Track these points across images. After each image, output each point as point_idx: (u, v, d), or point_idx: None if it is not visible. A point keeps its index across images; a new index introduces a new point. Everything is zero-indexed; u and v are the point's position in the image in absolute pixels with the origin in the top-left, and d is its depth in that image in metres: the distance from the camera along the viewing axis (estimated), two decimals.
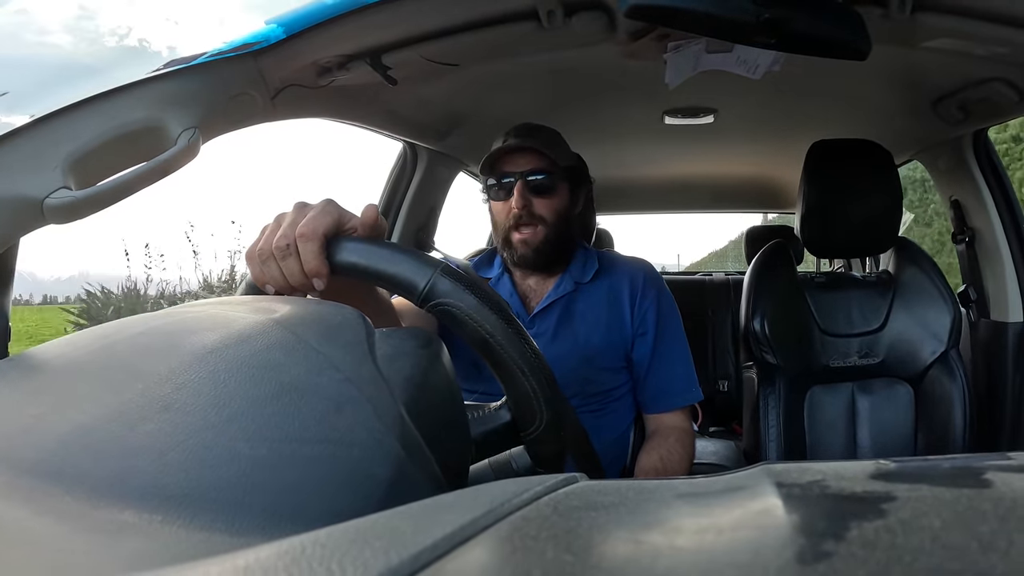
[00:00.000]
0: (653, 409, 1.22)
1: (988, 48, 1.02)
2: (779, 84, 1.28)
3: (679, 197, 2.81)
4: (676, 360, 1.21)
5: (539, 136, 1.18)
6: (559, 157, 1.17)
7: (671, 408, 1.21)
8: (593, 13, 0.95)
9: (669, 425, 1.20)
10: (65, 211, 0.64)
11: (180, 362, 0.35)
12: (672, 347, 1.21)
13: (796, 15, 0.83)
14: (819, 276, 1.54)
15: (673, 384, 1.20)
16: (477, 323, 0.53)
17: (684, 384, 1.21)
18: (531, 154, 1.15)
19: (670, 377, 1.20)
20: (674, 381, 1.20)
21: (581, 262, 1.25)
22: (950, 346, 1.38)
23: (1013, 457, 0.27)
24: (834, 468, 0.26)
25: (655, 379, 1.20)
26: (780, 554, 0.18)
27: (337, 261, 0.56)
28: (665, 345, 1.21)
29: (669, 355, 1.21)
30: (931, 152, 1.68)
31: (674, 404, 1.21)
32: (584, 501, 0.25)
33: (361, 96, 1.15)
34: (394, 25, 0.90)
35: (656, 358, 1.20)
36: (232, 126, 0.87)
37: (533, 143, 1.15)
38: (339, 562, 0.18)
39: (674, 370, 1.21)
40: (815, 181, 1.40)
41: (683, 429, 1.20)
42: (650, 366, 1.20)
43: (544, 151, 1.15)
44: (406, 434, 0.37)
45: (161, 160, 0.71)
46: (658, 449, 1.14)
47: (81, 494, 0.28)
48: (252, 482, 0.30)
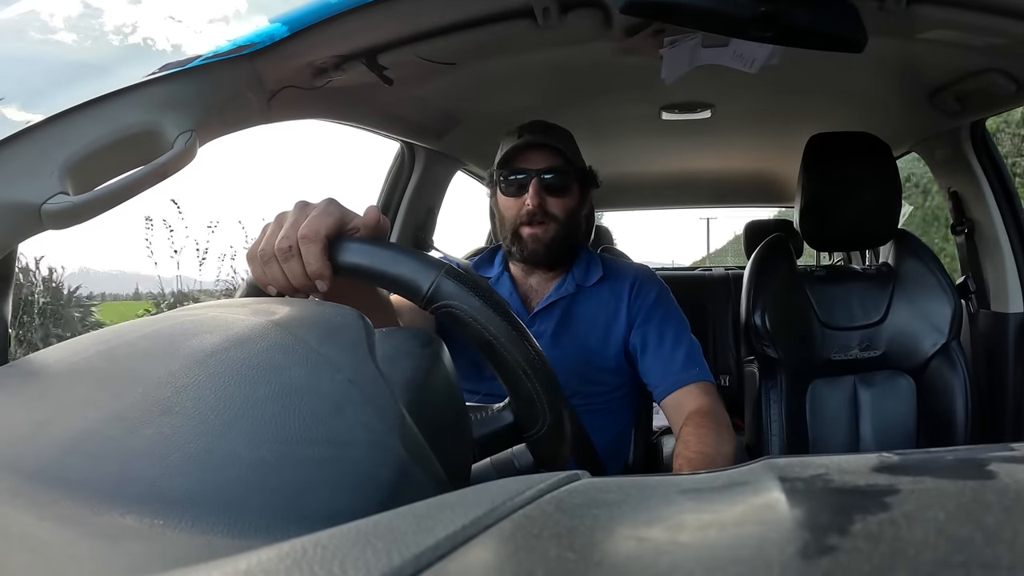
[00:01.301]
0: (662, 392, 1.15)
1: (984, 39, 1.02)
2: (776, 78, 1.28)
3: (678, 193, 2.81)
4: (677, 342, 1.17)
5: (555, 134, 1.18)
6: (574, 157, 1.17)
7: (677, 386, 1.13)
8: (588, 10, 0.95)
9: (687, 410, 1.10)
10: (63, 216, 0.63)
11: (180, 365, 0.35)
12: (671, 330, 1.18)
13: (792, 8, 0.82)
14: (819, 269, 1.54)
15: (674, 363, 1.15)
16: (481, 325, 0.53)
17: (687, 362, 1.15)
18: (547, 152, 1.15)
19: (671, 356, 1.15)
20: (675, 360, 1.15)
21: (584, 265, 1.24)
22: (951, 338, 1.38)
23: (1016, 448, 0.27)
24: (837, 461, 0.26)
25: (655, 360, 1.16)
26: (784, 549, 0.18)
27: (340, 262, 0.56)
28: (663, 329, 1.18)
29: (668, 337, 1.17)
30: (929, 143, 1.68)
31: (681, 381, 1.13)
32: (587, 498, 0.24)
33: (358, 96, 1.15)
34: (389, 25, 0.90)
35: (655, 343, 1.17)
36: (229, 128, 0.86)
37: (550, 140, 1.15)
38: (341, 564, 0.18)
39: (676, 352, 1.16)
40: (814, 174, 1.40)
41: (700, 410, 1.10)
42: (650, 351, 1.17)
43: (561, 149, 1.15)
44: (407, 434, 0.37)
45: (158, 164, 0.70)
46: (679, 449, 1.03)
47: (82, 499, 0.28)
48: (253, 484, 0.30)
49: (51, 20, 0.74)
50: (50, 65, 0.73)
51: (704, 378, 1.15)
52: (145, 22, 0.76)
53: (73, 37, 0.74)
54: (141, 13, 0.77)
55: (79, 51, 0.74)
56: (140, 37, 0.75)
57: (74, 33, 0.74)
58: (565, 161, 1.15)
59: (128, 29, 0.75)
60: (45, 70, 0.72)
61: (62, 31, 0.73)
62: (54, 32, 0.73)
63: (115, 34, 0.75)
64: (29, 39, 0.74)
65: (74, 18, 0.76)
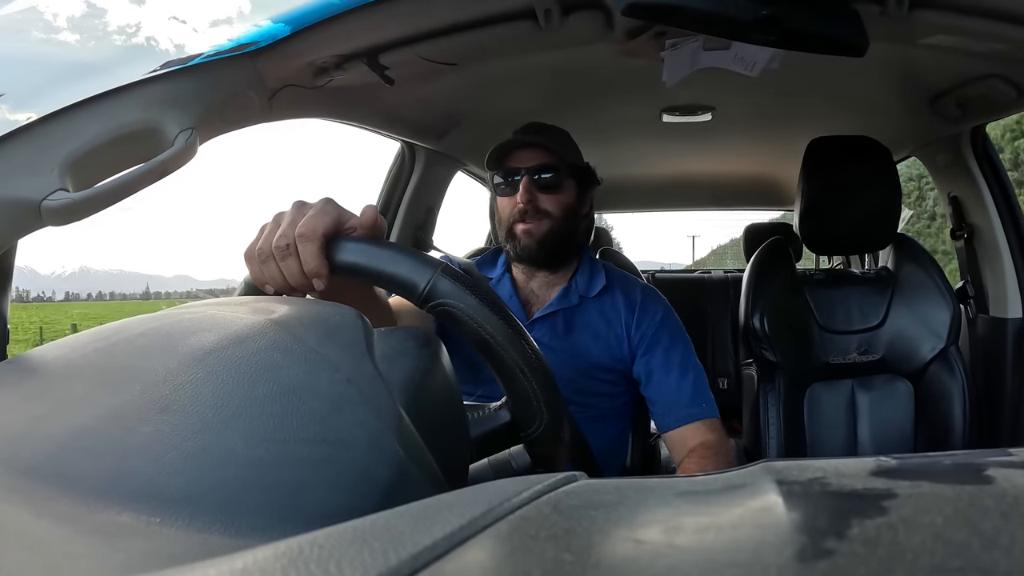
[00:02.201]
0: (667, 425, 1.14)
1: (986, 45, 1.02)
2: (777, 81, 1.28)
3: (678, 195, 2.81)
4: (684, 372, 1.16)
5: (547, 134, 1.18)
6: (566, 155, 1.18)
7: (683, 421, 1.13)
8: (590, 12, 0.95)
9: (690, 444, 1.11)
10: (63, 213, 0.63)
11: (178, 363, 0.35)
12: (677, 357, 1.17)
13: (794, 12, 0.82)
14: (818, 273, 1.54)
15: (680, 395, 1.14)
16: (478, 324, 0.53)
17: (694, 396, 1.14)
18: (538, 151, 1.15)
19: (678, 389, 1.14)
20: (682, 393, 1.14)
21: (587, 273, 1.23)
22: (949, 342, 1.38)
23: (1014, 453, 0.27)
24: (834, 465, 0.26)
25: (661, 393, 1.15)
26: (781, 552, 0.18)
27: (337, 261, 0.56)
28: (669, 356, 1.16)
29: (674, 365, 1.16)
30: (929, 148, 1.68)
31: (687, 416, 1.13)
32: (584, 500, 0.24)
33: (359, 96, 1.15)
34: (391, 25, 0.90)
35: (660, 372, 1.16)
36: (229, 127, 0.86)
37: (540, 140, 1.16)
38: (337, 563, 0.18)
39: (682, 383, 1.15)
40: (814, 178, 1.40)
41: (704, 444, 1.10)
42: (655, 381, 1.16)
43: (551, 148, 1.15)
44: (405, 434, 0.37)
45: (158, 161, 0.70)
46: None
47: (79, 496, 0.28)
48: (250, 483, 0.30)
49: (55, 20, 0.74)
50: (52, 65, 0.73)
51: (711, 414, 1.14)
52: (148, 23, 0.76)
53: (76, 37, 0.74)
54: (144, 14, 0.77)
55: (82, 51, 0.74)
56: (143, 37, 0.75)
57: (77, 33, 0.74)
58: (557, 159, 1.15)
59: (131, 29, 0.75)
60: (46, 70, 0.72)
61: (65, 31, 0.73)
62: (57, 32, 0.73)
63: (118, 34, 0.75)
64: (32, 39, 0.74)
65: (77, 18, 0.76)
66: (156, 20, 0.77)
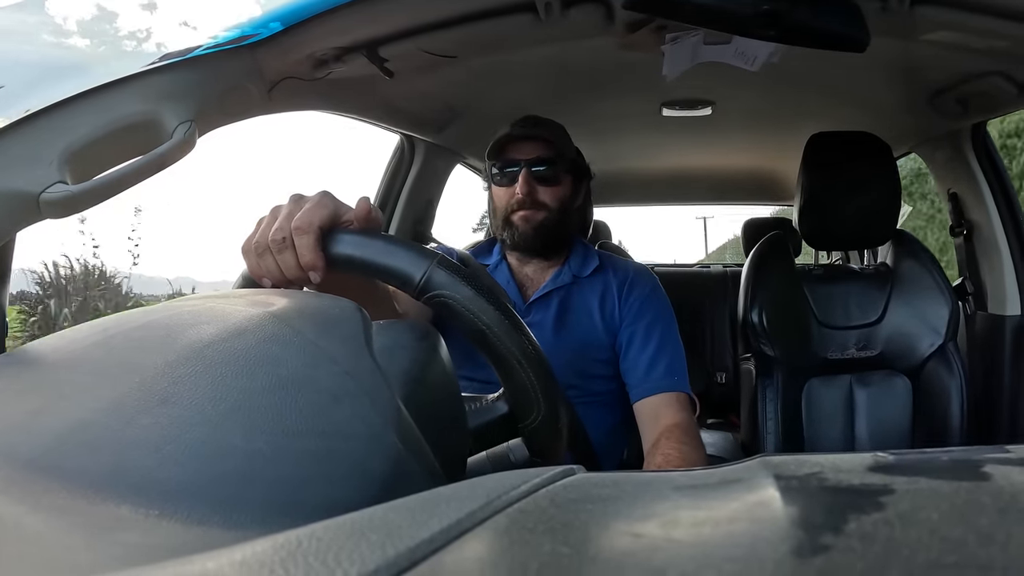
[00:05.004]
0: (639, 393, 1.14)
1: (987, 42, 1.01)
2: (777, 76, 1.28)
3: (677, 189, 2.81)
4: (662, 346, 1.16)
5: (545, 126, 1.20)
6: (564, 148, 1.19)
7: (655, 391, 1.12)
8: (591, 5, 0.95)
9: (664, 422, 1.10)
10: (62, 205, 0.63)
11: (177, 356, 0.35)
12: (658, 331, 1.17)
13: (795, 7, 0.82)
14: (817, 268, 1.54)
15: (655, 367, 1.14)
16: (474, 315, 0.53)
17: (668, 369, 1.13)
18: (537, 143, 1.17)
19: (653, 361, 1.14)
20: (657, 364, 1.14)
21: (581, 257, 1.25)
22: (948, 339, 1.38)
23: (1011, 450, 0.27)
24: (832, 460, 0.26)
25: (637, 363, 1.15)
26: (777, 547, 0.18)
27: (333, 254, 0.56)
28: (651, 329, 1.17)
29: (654, 338, 1.16)
30: (929, 145, 1.67)
31: (660, 387, 1.12)
32: (581, 494, 0.24)
33: (358, 88, 1.15)
34: (391, 17, 0.90)
35: (639, 343, 1.16)
36: (228, 119, 0.86)
37: (540, 132, 1.17)
38: (336, 556, 0.18)
39: (659, 356, 1.15)
40: (813, 173, 1.39)
41: (681, 426, 1.09)
42: (633, 351, 1.16)
43: (551, 140, 1.17)
44: (404, 427, 0.37)
45: (157, 154, 0.70)
46: (660, 463, 1.02)
47: (78, 489, 0.28)
48: (249, 476, 0.30)
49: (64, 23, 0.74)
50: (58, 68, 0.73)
51: (684, 389, 1.13)
52: (159, 28, 0.76)
53: (86, 42, 0.74)
54: (155, 20, 0.77)
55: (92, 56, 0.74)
56: (154, 43, 0.75)
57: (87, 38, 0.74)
58: (555, 152, 1.17)
59: (142, 35, 0.75)
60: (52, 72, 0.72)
61: (75, 35, 0.73)
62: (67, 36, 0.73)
63: (129, 39, 0.75)
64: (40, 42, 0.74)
65: (87, 21, 0.76)
66: (167, 26, 0.77)
